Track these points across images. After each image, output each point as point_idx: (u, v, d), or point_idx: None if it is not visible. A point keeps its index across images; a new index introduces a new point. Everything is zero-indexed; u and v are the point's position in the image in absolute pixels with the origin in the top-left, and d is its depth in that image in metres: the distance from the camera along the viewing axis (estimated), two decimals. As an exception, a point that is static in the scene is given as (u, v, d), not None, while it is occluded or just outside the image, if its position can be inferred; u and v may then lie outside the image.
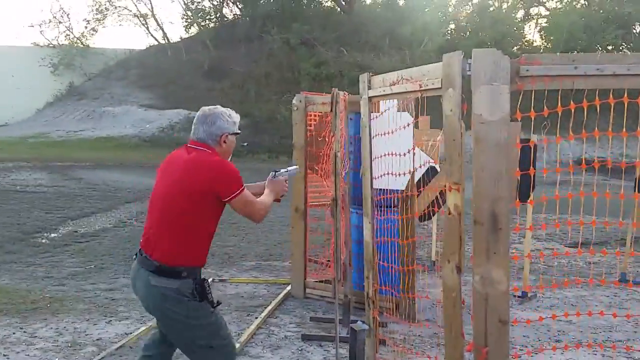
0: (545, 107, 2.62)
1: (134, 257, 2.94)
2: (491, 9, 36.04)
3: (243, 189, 2.84)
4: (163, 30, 45.68)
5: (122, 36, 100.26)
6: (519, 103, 2.55)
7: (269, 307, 5.30)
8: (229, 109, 3.11)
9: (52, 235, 8.73)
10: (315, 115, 6.06)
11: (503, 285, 2.60)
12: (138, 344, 4.41)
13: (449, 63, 2.66)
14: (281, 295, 5.71)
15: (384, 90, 3.40)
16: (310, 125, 5.93)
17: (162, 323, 2.92)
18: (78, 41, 37.30)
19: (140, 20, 37.95)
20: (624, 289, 6.51)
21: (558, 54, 2.73)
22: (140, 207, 12.01)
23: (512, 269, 7.24)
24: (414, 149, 3.54)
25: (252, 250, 7.97)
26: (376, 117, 5.42)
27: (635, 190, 6.46)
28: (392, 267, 5.31)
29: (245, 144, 26.61)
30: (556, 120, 2.79)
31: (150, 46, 38.12)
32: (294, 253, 5.87)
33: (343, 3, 36.07)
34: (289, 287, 5.99)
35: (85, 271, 6.67)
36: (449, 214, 2.69)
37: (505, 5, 37.02)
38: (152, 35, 41.10)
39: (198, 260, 2.84)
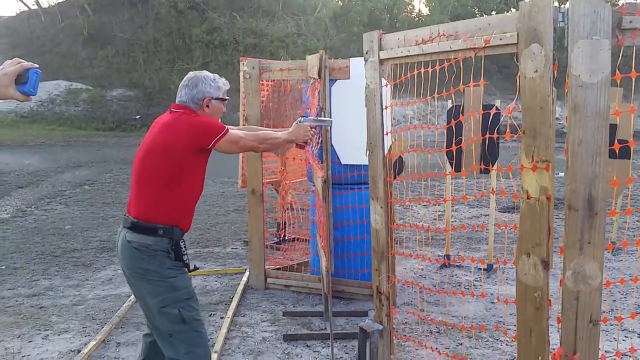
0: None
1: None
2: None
3: (227, 130, 2.71)
4: (33, -6, 41.50)
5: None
6: (619, 61, 2.13)
7: (233, 305, 4.66)
8: (216, 74, 2.93)
9: (-62, 231, 7.39)
10: (267, 84, 5.41)
11: (597, 280, 2.19)
12: (91, 365, 3.64)
13: (530, 13, 2.15)
14: (240, 288, 5.07)
15: (407, 51, 2.85)
16: (263, 96, 5.26)
17: (134, 286, 2.73)
18: None
19: (6, -18, 34.14)
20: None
21: None
22: (37, 193, 10.66)
23: (462, 239, 7.06)
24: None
25: (185, 236, 7.15)
26: (341, 83, 4.91)
27: None
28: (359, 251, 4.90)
29: (138, 116, 24.91)
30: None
31: (21, 12, 34.60)
32: (251, 240, 5.23)
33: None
34: (244, 277, 5.36)
35: (-6, 275, 5.62)
36: (528, 198, 2.24)
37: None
38: (21, 0, 37.26)
39: (176, 220, 2.68)
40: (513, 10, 36.51)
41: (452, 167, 5.80)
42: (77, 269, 5.86)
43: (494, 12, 33.42)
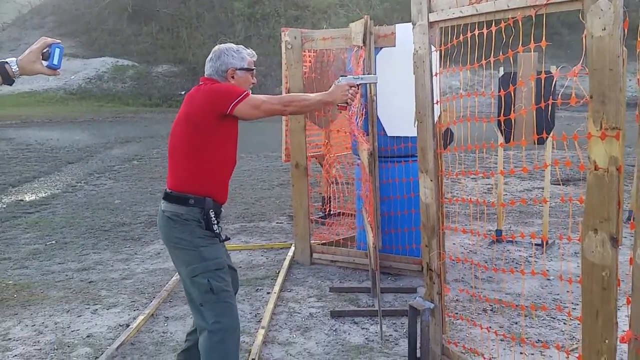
0: None
1: None
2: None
3: (246, 93, 2.65)
4: (78, -28, 42.04)
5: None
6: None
7: (279, 280, 4.61)
8: (240, 45, 2.91)
9: (-6, 206, 7.62)
10: (309, 55, 5.27)
11: (672, 258, 2.01)
12: (140, 338, 3.66)
13: (601, -34, 1.94)
14: (286, 263, 5.02)
15: (460, 12, 2.66)
16: (305, 67, 5.13)
17: (171, 250, 2.77)
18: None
19: (52, -39, 34.68)
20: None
21: None
22: (87, 168, 10.88)
23: (514, 213, 6.82)
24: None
25: (230, 211, 7.18)
26: (388, 50, 4.72)
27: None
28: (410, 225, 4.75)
29: (183, 92, 25.13)
30: None
31: (66, -11, 35.05)
32: (296, 215, 5.16)
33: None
34: (290, 252, 5.31)
35: (47, 248, 5.73)
36: (596, 169, 2.06)
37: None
38: (66, -23, 37.70)
39: (206, 190, 2.69)
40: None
41: (503, 137, 5.57)
42: (125, 243, 5.93)
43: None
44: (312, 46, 4.88)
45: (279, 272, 4.87)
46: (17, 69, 2.07)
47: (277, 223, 6.70)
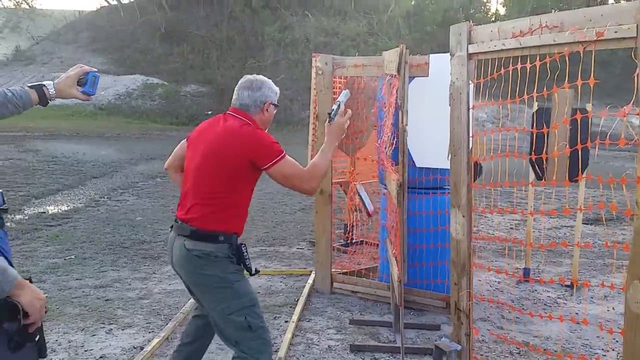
0: None
1: (170, 229, 2.81)
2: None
3: (283, 155, 2.62)
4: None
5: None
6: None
7: (298, 309, 4.49)
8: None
9: (18, 217, 7.64)
10: (340, 82, 5.22)
11: None
12: (153, 363, 3.56)
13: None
14: (306, 291, 4.90)
15: (502, 44, 2.57)
16: (335, 94, 5.07)
17: (198, 289, 2.71)
18: (24, 2, 34.76)
19: (90, -20, 35.60)
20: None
21: None
22: (111, 183, 10.93)
23: (542, 251, 6.62)
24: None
25: (250, 234, 7.09)
26: (421, 80, 4.65)
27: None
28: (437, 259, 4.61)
29: (210, 112, 25.36)
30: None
31: (101, 7, 36.11)
32: (318, 242, 5.05)
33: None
34: (310, 280, 5.19)
35: (65, 263, 5.69)
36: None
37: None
38: (103, -5, 38.79)
39: (234, 227, 2.66)
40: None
41: (535, 175, 5.42)
42: (145, 261, 5.88)
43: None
44: (343, 73, 4.83)
45: (298, 299, 4.75)
46: (54, 91, 2.19)
47: (297, 249, 6.60)
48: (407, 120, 3.29)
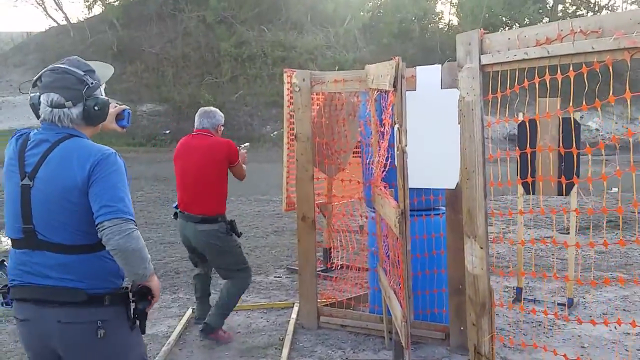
0: None
1: (173, 216, 4.40)
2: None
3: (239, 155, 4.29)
4: (62, 11, 42.04)
5: (18, 18, 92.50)
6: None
7: (284, 352, 4.06)
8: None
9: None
10: (318, 98, 4.86)
11: None
12: None
13: None
14: (290, 328, 4.48)
15: (524, 54, 2.25)
16: (313, 111, 4.71)
17: (209, 255, 4.24)
18: (-34, 23, 33.40)
19: (36, 0, 34.44)
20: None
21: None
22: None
23: (527, 266, 6.36)
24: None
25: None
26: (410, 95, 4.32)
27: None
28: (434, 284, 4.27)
29: (168, 131, 24.64)
30: None
31: (50, 27, 34.77)
32: (302, 273, 4.65)
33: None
34: (294, 314, 4.78)
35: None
36: None
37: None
38: (50, 16, 37.70)
39: (224, 208, 4.23)
40: (547, 19, 35.57)
41: (525, 189, 5.18)
42: None
43: (527, 21, 32.54)
44: (322, 89, 4.47)
45: (283, 339, 4.33)
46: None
47: (275, 277, 6.17)
48: (406, 141, 2.94)
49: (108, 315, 2.06)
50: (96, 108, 2.18)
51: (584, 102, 2.07)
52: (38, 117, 2.17)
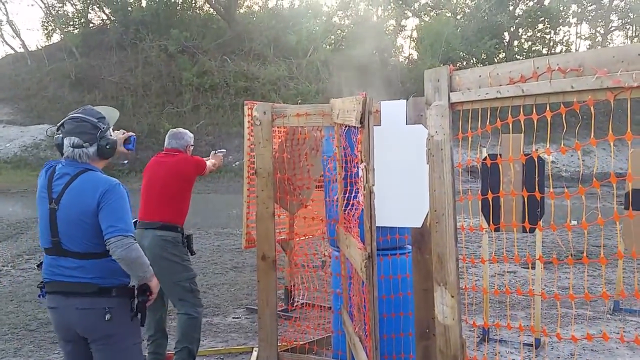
0: None
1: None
2: (374, 19, 36.31)
3: (205, 165, 4.58)
4: (20, 38, 41.21)
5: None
6: None
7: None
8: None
9: None
10: (279, 132, 4.69)
11: None
12: None
13: None
14: (250, 376, 4.22)
15: (497, 92, 2.12)
16: (275, 144, 4.53)
17: (159, 267, 3.56)
18: None
19: (-7, 28, 33.62)
20: (623, 320, 5.76)
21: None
22: (15, 248, 9.73)
23: (493, 303, 6.25)
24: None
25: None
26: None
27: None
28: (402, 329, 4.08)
29: (126, 161, 24.06)
30: None
31: (6, 55, 33.95)
32: (261, 316, 4.38)
33: (222, 10, 34.25)
34: (252, 359, 4.51)
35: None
36: None
37: (383, 15, 37.45)
38: (7, 43, 36.93)
39: (183, 221, 4.36)
40: (503, 54, 36.51)
41: (488, 222, 5.07)
42: (54, 347, 4.97)
43: (484, 56, 33.34)
44: (284, 123, 4.29)
45: (241, 388, 4.06)
46: None
47: (233, 318, 5.88)
48: (374, 180, 2.78)
49: (114, 304, 2.71)
50: (108, 147, 2.85)
51: (547, 140, 1.98)
52: (62, 154, 2.81)
